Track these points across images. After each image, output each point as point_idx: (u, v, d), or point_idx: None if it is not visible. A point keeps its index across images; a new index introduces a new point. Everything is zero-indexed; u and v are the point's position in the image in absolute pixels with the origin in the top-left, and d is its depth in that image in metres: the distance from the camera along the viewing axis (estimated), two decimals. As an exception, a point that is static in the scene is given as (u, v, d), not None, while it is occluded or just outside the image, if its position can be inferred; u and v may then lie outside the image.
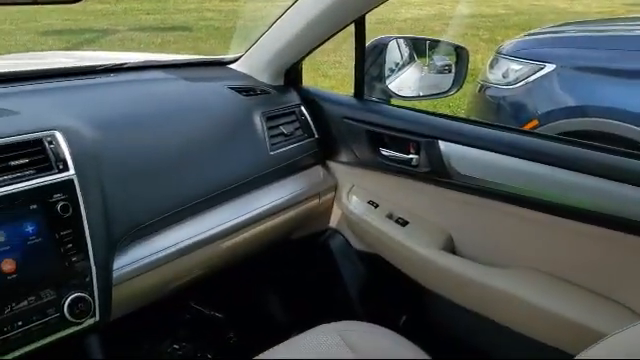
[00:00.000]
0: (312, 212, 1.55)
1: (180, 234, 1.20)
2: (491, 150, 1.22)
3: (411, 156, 1.35)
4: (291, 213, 1.47)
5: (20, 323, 0.92)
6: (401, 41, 1.62)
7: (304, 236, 1.66)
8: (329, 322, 1.18)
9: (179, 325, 1.73)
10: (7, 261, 0.91)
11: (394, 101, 1.53)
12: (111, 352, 1.33)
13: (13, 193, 0.93)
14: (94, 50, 6.67)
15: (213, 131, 1.33)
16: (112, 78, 1.38)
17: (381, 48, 1.50)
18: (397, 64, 1.61)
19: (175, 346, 1.68)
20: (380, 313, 1.46)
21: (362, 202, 1.48)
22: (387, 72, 1.53)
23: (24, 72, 1.34)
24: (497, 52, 3.19)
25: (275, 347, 1.12)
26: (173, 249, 1.18)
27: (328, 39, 1.41)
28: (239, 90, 1.45)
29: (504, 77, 3.08)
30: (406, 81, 1.60)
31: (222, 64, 1.62)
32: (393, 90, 1.50)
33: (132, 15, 9.53)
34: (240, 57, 1.60)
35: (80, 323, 0.98)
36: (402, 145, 1.38)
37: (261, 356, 1.09)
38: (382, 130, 1.39)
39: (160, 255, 1.16)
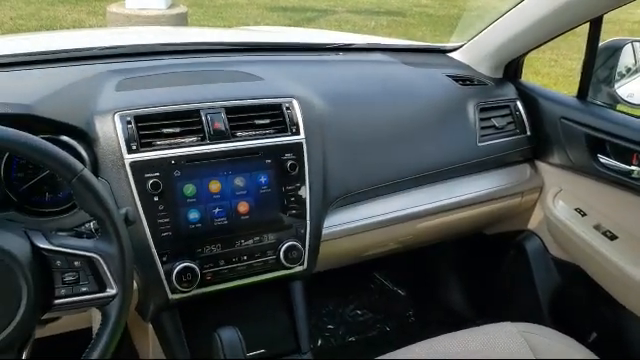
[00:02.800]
0: (512, 210, 1.53)
1: (383, 207, 1.29)
2: None
3: (633, 167, 1.27)
4: (490, 207, 1.47)
5: (245, 257, 1.08)
6: (637, 45, 1.50)
7: (499, 233, 1.64)
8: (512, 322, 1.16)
9: (363, 293, 1.84)
10: (243, 204, 1.07)
11: (620, 108, 1.44)
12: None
13: (256, 147, 1.08)
14: (313, 28, 7.08)
15: (427, 115, 1.38)
16: (340, 57, 1.50)
17: (614, 50, 1.41)
18: (629, 69, 1.50)
19: (357, 312, 1.79)
20: (569, 324, 1.41)
21: (569, 208, 1.42)
22: (617, 76, 1.44)
23: (265, 43, 1.52)
24: None
25: (453, 333, 1.12)
26: (375, 219, 1.27)
27: (558, 36, 1.37)
28: (456, 79, 1.48)
29: None
30: (637, 88, 1.49)
31: (442, 52, 1.65)
32: (622, 96, 1.41)
33: (351, -3, 9.89)
34: (461, 46, 1.62)
35: (291, 268, 1.11)
36: (625, 155, 1.30)
37: (438, 338, 1.10)
38: (604, 136, 1.32)
39: (363, 223, 1.26)
